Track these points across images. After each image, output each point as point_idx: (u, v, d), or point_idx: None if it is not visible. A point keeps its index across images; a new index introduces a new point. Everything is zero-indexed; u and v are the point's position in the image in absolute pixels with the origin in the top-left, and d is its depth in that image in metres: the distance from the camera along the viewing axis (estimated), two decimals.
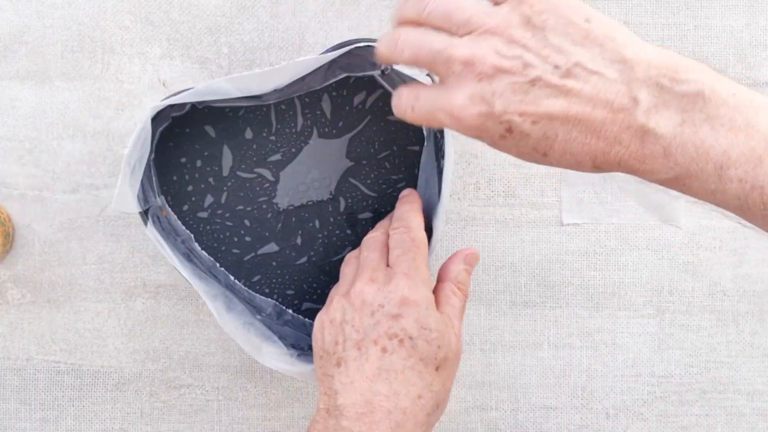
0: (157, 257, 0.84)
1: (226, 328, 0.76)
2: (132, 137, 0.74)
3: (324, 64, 0.76)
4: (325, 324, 0.72)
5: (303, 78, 0.77)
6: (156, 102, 0.78)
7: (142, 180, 0.76)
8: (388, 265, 0.73)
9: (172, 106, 0.77)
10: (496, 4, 0.60)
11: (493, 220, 0.85)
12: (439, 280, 0.74)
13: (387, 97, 0.81)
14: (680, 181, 0.58)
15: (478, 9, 0.60)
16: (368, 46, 0.75)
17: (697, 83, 0.57)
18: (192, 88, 0.74)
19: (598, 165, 0.59)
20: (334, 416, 0.68)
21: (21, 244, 0.84)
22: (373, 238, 0.75)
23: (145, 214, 0.76)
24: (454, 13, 0.60)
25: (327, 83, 0.79)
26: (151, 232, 0.75)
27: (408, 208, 0.76)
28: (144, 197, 0.77)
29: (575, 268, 0.85)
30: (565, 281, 0.85)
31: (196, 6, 0.83)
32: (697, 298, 0.85)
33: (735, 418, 0.86)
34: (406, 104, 0.62)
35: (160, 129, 0.78)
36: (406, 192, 0.79)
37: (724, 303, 0.85)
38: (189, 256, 0.79)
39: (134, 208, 0.74)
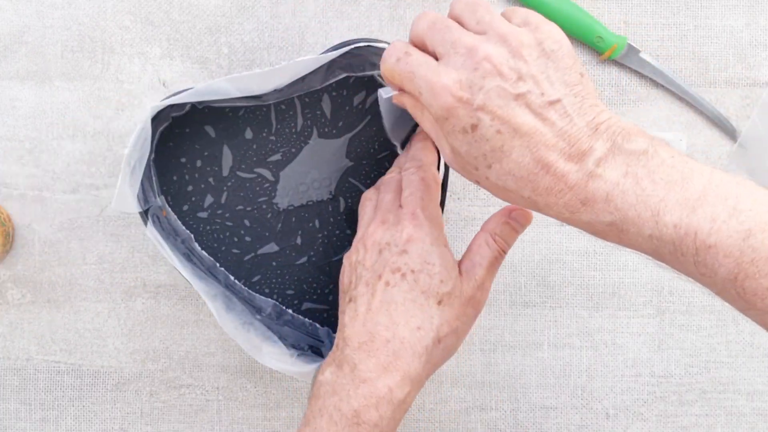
0: (157, 257, 0.84)
1: (225, 328, 0.76)
2: (132, 137, 0.74)
3: (324, 64, 0.76)
4: (345, 267, 0.74)
5: (303, 78, 0.77)
6: (156, 102, 0.78)
7: (142, 180, 0.76)
8: (401, 205, 0.74)
9: (172, 106, 0.77)
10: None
11: None
12: (480, 230, 0.74)
13: None
14: (617, 227, 0.62)
15: (501, 18, 0.65)
16: (368, 46, 0.75)
17: (643, 144, 0.62)
18: (192, 88, 0.74)
19: (535, 199, 0.64)
20: (340, 348, 0.70)
21: (21, 244, 0.84)
22: (388, 178, 0.76)
23: (145, 214, 0.76)
24: (479, 9, 0.65)
25: (327, 83, 0.79)
26: (150, 232, 0.75)
27: (421, 146, 0.76)
28: (144, 197, 0.77)
29: (575, 268, 0.85)
30: (565, 281, 0.85)
31: (196, 6, 0.83)
32: (697, 298, 0.85)
33: (735, 418, 0.86)
34: (394, 54, 0.66)
35: (160, 129, 0.78)
36: (421, 129, 0.78)
37: (724, 303, 0.85)
38: (189, 256, 0.79)
39: (134, 208, 0.74)
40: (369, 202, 0.76)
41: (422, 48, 0.66)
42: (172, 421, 0.85)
